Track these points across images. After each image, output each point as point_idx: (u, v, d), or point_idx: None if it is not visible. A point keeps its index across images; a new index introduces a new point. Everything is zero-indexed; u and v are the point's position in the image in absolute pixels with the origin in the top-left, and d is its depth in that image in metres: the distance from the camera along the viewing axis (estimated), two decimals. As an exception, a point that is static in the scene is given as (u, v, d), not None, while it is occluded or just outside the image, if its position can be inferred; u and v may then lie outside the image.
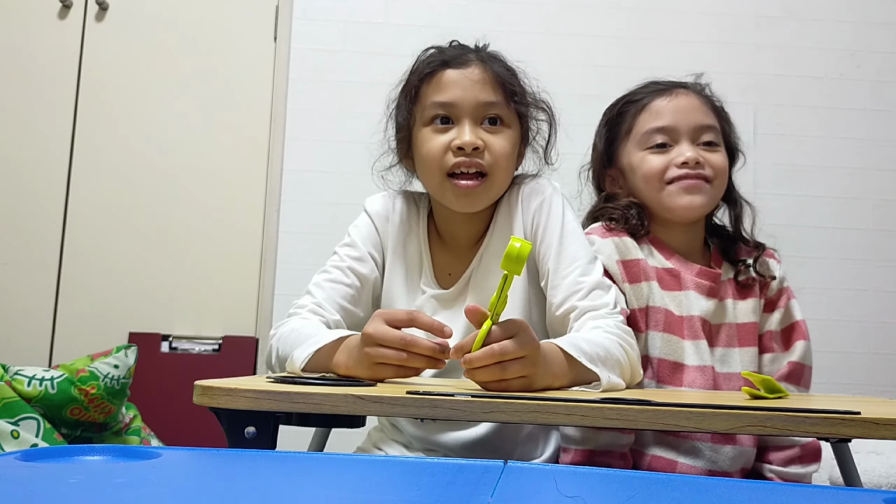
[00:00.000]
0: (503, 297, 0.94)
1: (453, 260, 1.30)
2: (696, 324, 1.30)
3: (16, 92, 2.74)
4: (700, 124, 1.34)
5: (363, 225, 1.33)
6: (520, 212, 1.28)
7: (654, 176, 1.33)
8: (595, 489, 0.59)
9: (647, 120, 1.36)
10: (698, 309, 1.31)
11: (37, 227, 2.69)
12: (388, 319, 1.01)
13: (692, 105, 1.36)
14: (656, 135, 1.34)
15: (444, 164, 1.22)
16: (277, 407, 0.85)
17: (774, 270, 1.38)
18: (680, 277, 1.32)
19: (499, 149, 1.23)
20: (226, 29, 2.79)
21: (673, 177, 1.32)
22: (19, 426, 1.83)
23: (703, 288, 1.32)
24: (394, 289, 1.30)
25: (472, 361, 0.93)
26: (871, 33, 2.80)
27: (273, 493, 0.54)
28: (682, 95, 1.37)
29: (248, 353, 2.62)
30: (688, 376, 1.27)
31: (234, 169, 2.73)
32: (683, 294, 1.31)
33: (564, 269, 1.21)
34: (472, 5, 2.74)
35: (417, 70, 1.28)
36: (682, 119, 1.34)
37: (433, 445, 1.26)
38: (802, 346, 1.35)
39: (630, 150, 1.37)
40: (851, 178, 2.74)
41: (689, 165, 1.31)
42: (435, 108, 1.23)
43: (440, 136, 1.23)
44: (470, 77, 1.23)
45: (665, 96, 1.37)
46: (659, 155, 1.34)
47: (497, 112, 1.24)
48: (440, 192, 1.25)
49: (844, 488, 1.16)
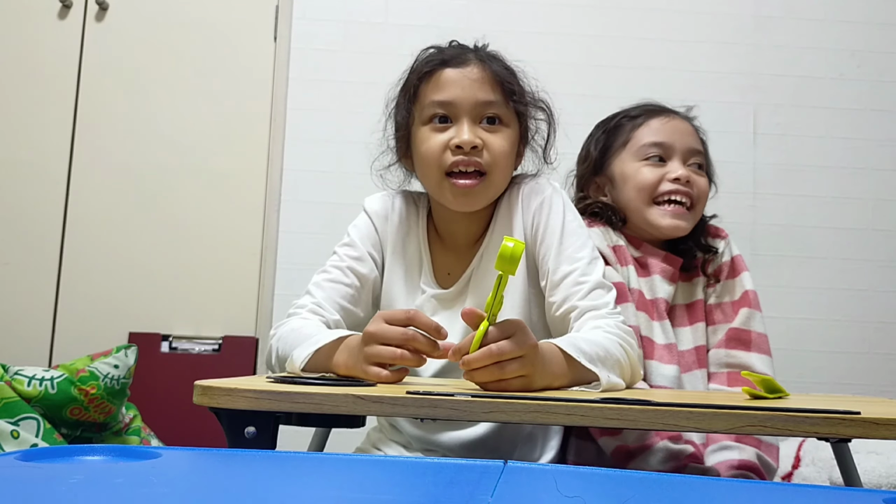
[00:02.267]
0: (499, 297, 0.94)
1: (453, 260, 1.30)
2: (661, 305, 1.40)
3: (16, 92, 2.74)
4: (692, 148, 1.45)
5: (362, 224, 1.33)
6: (520, 211, 1.28)
7: (647, 187, 1.42)
8: (595, 489, 0.59)
9: (645, 134, 1.45)
10: (663, 292, 1.42)
11: (37, 227, 2.69)
12: (388, 319, 1.02)
13: (686, 129, 1.47)
14: (653, 148, 1.43)
15: (442, 162, 1.22)
16: (277, 407, 0.85)
17: (716, 245, 1.48)
18: (647, 265, 1.43)
19: (497, 148, 1.23)
20: (226, 29, 2.79)
21: (664, 191, 1.42)
22: (19, 426, 1.83)
23: (668, 272, 1.43)
24: (393, 288, 1.30)
25: (470, 363, 0.93)
26: (871, 33, 2.80)
27: (273, 493, 0.54)
28: (676, 119, 1.47)
29: (248, 353, 2.62)
30: (657, 352, 1.37)
31: (234, 169, 2.73)
32: (650, 279, 1.42)
33: (564, 269, 1.21)
34: (472, 5, 2.74)
35: (416, 69, 1.28)
36: (678, 139, 1.44)
37: (432, 445, 1.26)
38: (745, 313, 1.42)
39: (624, 160, 1.46)
40: (851, 178, 2.74)
41: (680, 182, 1.41)
42: (434, 107, 1.23)
43: (439, 134, 1.23)
44: (469, 76, 1.23)
45: (663, 117, 1.47)
46: (654, 168, 1.43)
47: (495, 111, 1.24)
48: (439, 191, 1.25)
49: (844, 488, 1.16)
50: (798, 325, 2.64)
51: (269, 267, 2.64)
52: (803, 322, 2.66)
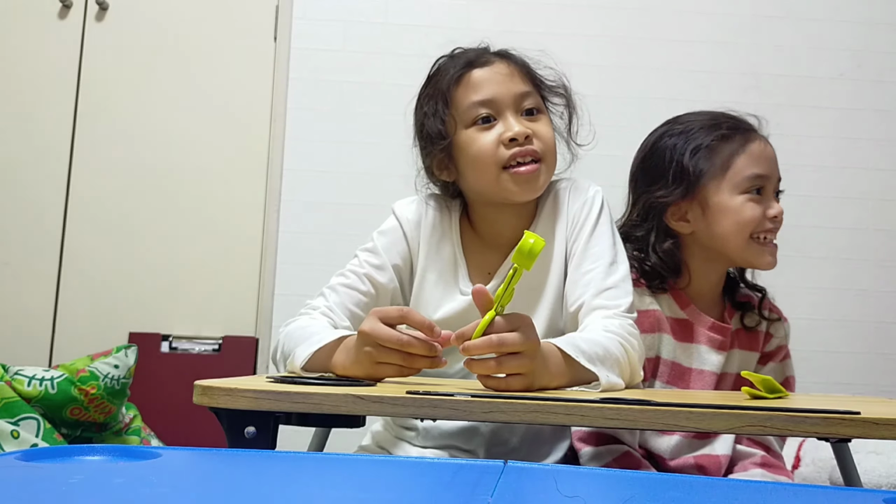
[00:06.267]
0: (510, 289, 0.94)
1: (493, 259, 1.30)
2: (707, 378, 1.33)
3: (16, 92, 2.74)
4: (779, 177, 1.37)
5: (390, 231, 1.31)
6: (564, 210, 1.29)
7: (750, 224, 1.31)
8: (595, 489, 0.59)
9: (746, 164, 1.33)
10: (710, 364, 1.33)
11: (37, 227, 2.69)
12: (381, 317, 1.01)
13: (774, 156, 1.36)
14: (756, 181, 1.32)
15: (499, 158, 1.22)
16: (277, 407, 0.85)
17: (779, 330, 1.42)
18: (693, 329, 1.34)
19: (546, 134, 1.25)
20: (226, 29, 2.79)
21: (765, 229, 1.32)
22: (19, 426, 1.83)
23: (715, 342, 1.34)
24: (426, 292, 1.29)
25: (470, 349, 0.93)
26: (872, 33, 2.80)
27: (273, 493, 0.54)
28: (768, 145, 1.37)
29: (248, 353, 2.62)
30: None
31: (234, 169, 2.73)
32: (695, 347, 1.34)
33: (585, 268, 1.23)
34: (472, 5, 2.74)
35: (443, 76, 1.27)
36: (773, 170, 1.35)
37: (439, 431, 1.26)
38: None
39: (723, 189, 1.33)
40: (851, 178, 2.74)
41: (777, 220, 1.33)
42: (475, 108, 1.23)
43: (487, 133, 1.23)
44: (500, 72, 1.25)
45: (759, 142, 1.35)
46: (756, 204, 1.32)
47: (533, 101, 1.26)
48: (497, 187, 1.24)
49: (844, 488, 1.16)
50: (798, 325, 2.63)
51: (269, 267, 2.64)
52: (803, 322, 2.66)
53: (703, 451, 1.31)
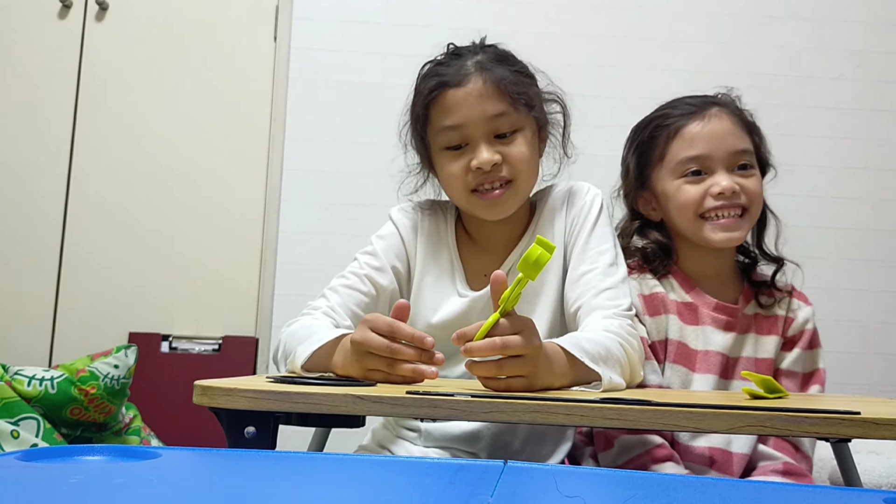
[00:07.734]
0: (515, 294, 0.94)
1: (490, 261, 1.30)
2: (713, 359, 1.31)
3: (16, 92, 2.74)
4: (735, 150, 1.32)
5: (388, 236, 1.33)
6: (563, 212, 1.30)
7: (690, 207, 1.31)
8: (595, 489, 0.59)
9: (680, 147, 1.33)
10: (716, 344, 1.32)
11: (37, 227, 2.69)
12: (372, 327, 1.01)
13: (726, 129, 1.33)
14: (690, 163, 1.32)
15: (466, 183, 1.24)
16: (277, 407, 0.85)
17: (799, 310, 1.38)
18: (697, 311, 1.33)
19: (517, 156, 1.23)
20: (226, 29, 2.79)
21: (709, 207, 1.30)
22: (19, 426, 1.83)
23: (720, 322, 1.33)
24: (425, 295, 1.30)
25: (471, 350, 0.93)
26: (871, 33, 2.80)
27: (273, 493, 0.54)
28: (714, 118, 1.33)
29: (248, 353, 2.63)
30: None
31: (234, 169, 2.74)
32: (700, 329, 1.33)
33: (583, 268, 1.23)
34: (472, 5, 2.74)
35: (420, 94, 1.27)
36: (717, 146, 1.31)
37: (439, 433, 1.26)
38: (816, 390, 1.36)
39: (664, 177, 1.35)
40: (851, 178, 2.74)
41: (724, 196, 1.30)
42: (446, 133, 1.24)
43: (456, 160, 1.24)
44: (471, 94, 1.22)
45: (697, 120, 1.33)
46: (694, 185, 1.32)
47: (506, 121, 1.23)
48: (468, 208, 1.27)
49: (844, 488, 1.16)
50: (798, 325, 2.64)
51: (269, 267, 2.64)
52: (803, 322, 2.66)
53: (720, 445, 1.28)
